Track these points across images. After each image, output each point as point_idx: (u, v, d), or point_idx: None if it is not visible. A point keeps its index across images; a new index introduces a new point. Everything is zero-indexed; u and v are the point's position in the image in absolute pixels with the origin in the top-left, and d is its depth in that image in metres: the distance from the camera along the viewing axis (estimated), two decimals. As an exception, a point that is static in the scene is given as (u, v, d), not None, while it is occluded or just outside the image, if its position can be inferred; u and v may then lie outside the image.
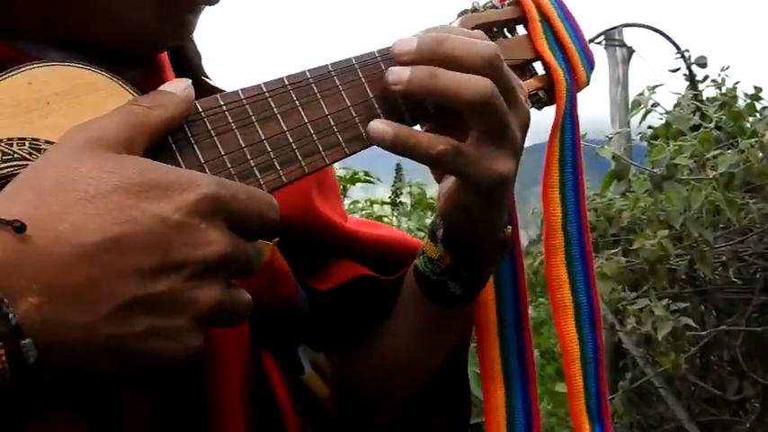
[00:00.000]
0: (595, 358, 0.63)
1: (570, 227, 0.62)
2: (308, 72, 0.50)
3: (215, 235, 0.38)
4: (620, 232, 2.17)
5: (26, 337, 0.32)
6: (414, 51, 0.50)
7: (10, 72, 0.41)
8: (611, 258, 1.79)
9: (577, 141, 0.64)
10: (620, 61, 2.62)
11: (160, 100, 0.42)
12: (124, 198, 0.36)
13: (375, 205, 3.74)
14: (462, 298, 0.61)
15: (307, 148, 0.48)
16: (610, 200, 2.18)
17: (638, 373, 2.57)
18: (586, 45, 0.64)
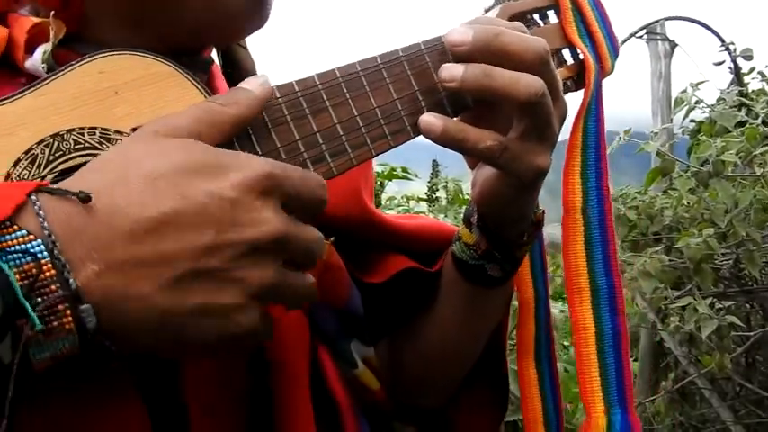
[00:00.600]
0: (617, 344, 0.62)
1: (591, 212, 0.63)
2: (357, 65, 0.51)
3: (268, 214, 0.38)
4: (662, 230, 2.13)
5: (85, 302, 0.34)
6: (470, 42, 0.51)
7: (82, 61, 0.43)
8: (653, 256, 1.76)
9: (601, 129, 0.64)
10: (662, 56, 2.57)
11: (236, 98, 0.44)
12: (181, 177, 0.37)
13: (411, 201, 3.75)
14: (500, 279, 0.63)
15: (355, 141, 0.50)
16: (652, 198, 2.14)
17: (680, 373, 2.53)
18: (613, 32, 0.65)
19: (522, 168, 0.53)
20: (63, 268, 0.34)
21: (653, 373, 2.80)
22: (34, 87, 0.42)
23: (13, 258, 0.33)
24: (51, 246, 0.34)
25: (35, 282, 0.33)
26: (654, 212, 2.14)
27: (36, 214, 0.35)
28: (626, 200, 2.22)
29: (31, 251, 0.33)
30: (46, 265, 0.34)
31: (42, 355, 0.34)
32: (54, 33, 0.47)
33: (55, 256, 0.34)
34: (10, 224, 0.34)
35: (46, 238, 0.34)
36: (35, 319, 0.33)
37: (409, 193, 3.84)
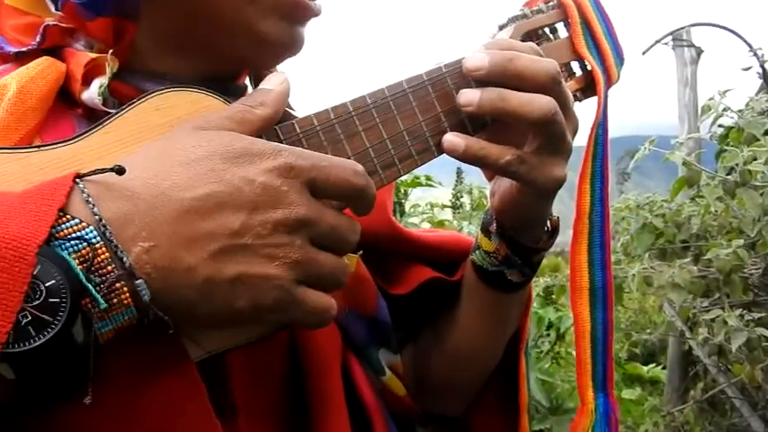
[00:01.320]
0: (604, 336, 0.67)
1: (594, 215, 0.66)
2: (386, 90, 0.54)
3: (294, 197, 0.42)
4: (690, 239, 2.11)
5: (139, 277, 0.37)
6: (486, 67, 0.55)
7: (141, 99, 0.47)
8: (683, 268, 1.75)
9: (606, 137, 0.68)
10: (688, 62, 2.55)
11: (262, 98, 0.48)
12: (218, 162, 0.41)
13: (435, 208, 3.75)
14: (519, 284, 0.66)
15: (385, 161, 0.54)
16: (679, 205, 2.12)
17: (709, 382, 2.50)
18: (618, 42, 0.67)
19: (540, 179, 0.56)
20: (116, 249, 0.37)
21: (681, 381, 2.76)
22: (101, 125, 0.45)
23: (70, 245, 0.36)
24: (103, 229, 0.37)
25: (92, 265, 0.36)
26: (681, 220, 2.12)
27: (86, 202, 0.37)
28: (652, 208, 2.21)
29: (85, 237, 0.36)
30: (100, 249, 0.36)
31: (106, 329, 0.37)
32: (110, 68, 0.51)
33: (107, 238, 0.37)
34: (63, 214, 0.36)
35: (97, 223, 0.37)
36: (99, 299, 0.36)
37: (433, 200, 3.85)
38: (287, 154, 0.42)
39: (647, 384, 3.63)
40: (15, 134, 0.47)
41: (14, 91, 0.47)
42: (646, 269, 1.88)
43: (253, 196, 0.40)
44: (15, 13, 0.52)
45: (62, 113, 0.51)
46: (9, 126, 0.46)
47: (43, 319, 0.34)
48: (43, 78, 0.49)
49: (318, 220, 0.43)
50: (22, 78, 0.48)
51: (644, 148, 1.93)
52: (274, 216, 0.41)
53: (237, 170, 0.41)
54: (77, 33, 0.53)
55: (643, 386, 3.59)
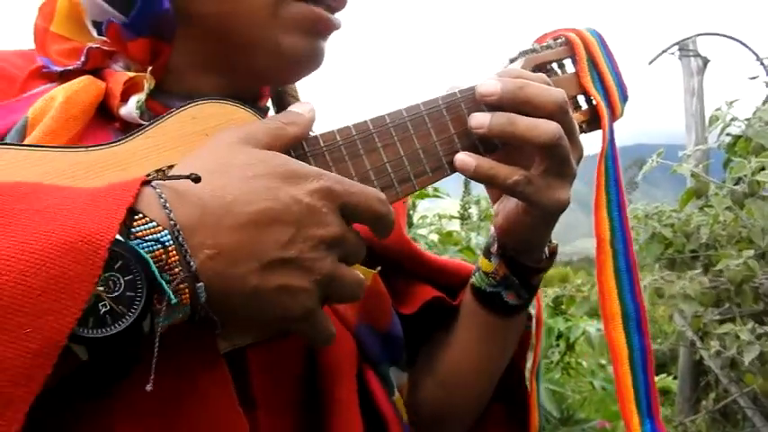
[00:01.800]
0: (644, 361, 0.68)
1: (616, 243, 0.68)
2: (404, 111, 0.58)
3: (332, 218, 0.46)
4: (700, 248, 2.11)
5: (200, 281, 0.40)
6: (498, 93, 0.58)
7: (180, 108, 0.51)
8: (693, 279, 1.74)
9: (617, 167, 0.70)
10: (694, 72, 2.55)
11: (294, 118, 0.52)
12: (273, 181, 0.44)
13: (443, 219, 3.76)
14: (515, 307, 0.68)
15: (401, 176, 0.57)
16: (687, 215, 2.12)
17: (721, 392, 2.48)
18: (622, 79, 0.71)
19: (545, 201, 0.59)
20: (185, 253, 0.40)
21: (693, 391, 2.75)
22: (142, 131, 0.49)
23: (147, 245, 0.39)
24: (176, 234, 0.40)
25: (165, 265, 0.39)
26: (690, 230, 2.12)
27: (162, 206, 0.41)
28: (661, 218, 2.21)
29: (160, 240, 0.40)
30: (172, 252, 0.40)
31: (163, 323, 0.40)
32: (148, 85, 0.54)
33: (179, 242, 0.40)
34: (142, 216, 0.40)
35: (172, 227, 0.40)
36: (172, 296, 0.39)
37: (441, 211, 3.86)
38: (326, 179, 0.46)
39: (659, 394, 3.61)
40: (59, 139, 0.50)
41: (61, 101, 0.51)
42: (656, 280, 1.88)
43: (299, 215, 0.44)
44: (60, 39, 0.56)
45: (101, 126, 0.54)
46: (54, 131, 0.50)
47: (119, 311, 0.37)
48: (86, 92, 0.53)
49: (347, 240, 0.47)
50: (67, 91, 0.52)
51: (652, 161, 1.93)
52: (317, 233, 0.45)
53: (289, 189, 0.44)
54: (117, 55, 0.57)
55: (654, 396, 3.56)
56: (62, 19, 0.56)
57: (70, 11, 0.56)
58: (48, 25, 0.56)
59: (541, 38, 0.71)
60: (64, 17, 0.56)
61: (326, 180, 0.46)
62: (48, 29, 0.56)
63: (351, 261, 0.48)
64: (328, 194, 0.46)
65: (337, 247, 0.46)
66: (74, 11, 0.56)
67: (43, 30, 0.56)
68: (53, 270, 0.35)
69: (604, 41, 0.71)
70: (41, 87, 0.55)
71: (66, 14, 0.56)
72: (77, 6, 0.56)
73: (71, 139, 0.51)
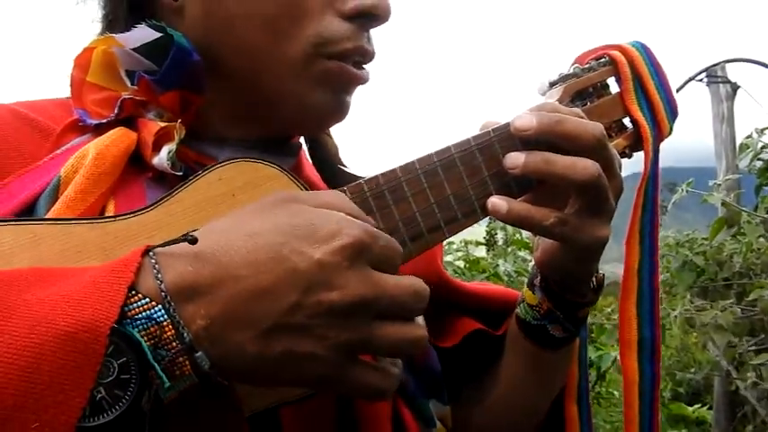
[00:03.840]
0: (652, 389, 0.67)
1: (643, 271, 0.66)
2: (435, 156, 0.56)
3: (353, 278, 0.41)
4: (733, 277, 2.08)
5: (198, 350, 0.39)
6: (534, 128, 0.56)
7: (205, 171, 0.50)
8: (726, 309, 1.71)
9: (656, 192, 0.67)
10: (723, 98, 2.53)
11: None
12: (277, 236, 0.41)
13: (470, 245, 3.74)
14: (562, 340, 0.66)
15: (431, 225, 0.55)
16: (720, 243, 2.09)
17: (759, 424, 2.42)
18: (671, 94, 0.67)
19: (582, 240, 0.57)
20: (179, 325, 0.39)
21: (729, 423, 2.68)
22: (168, 197, 0.48)
23: (139, 324, 0.38)
24: (168, 307, 0.39)
25: (159, 340, 0.38)
26: (723, 258, 2.09)
27: (154, 277, 0.39)
28: (693, 245, 2.18)
29: (153, 317, 0.38)
30: (167, 326, 0.38)
31: (168, 393, 0.39)
32: (178, 135, 0.55)
33: (171, 315, 0.39)
34: (135, 293, 0.38)
35: (164, 301, 0.39)
36: (164, 378, 0.38)
37: (467, 236, 3.84)
38: (347, 229, 0.42)
39: (693, 425, 3.51)
40: (91, 196, 0.51)
41: (92, 157, 0.52)
42: (688, 310, 1.85)
43: (309, 275, 0.40)
44: (96, 88, 0.58)
45: (133, 177, 0.55)
46: (86, 189, 0.51)
47: (115, 394, 0.36)
48: (116, 146, 0.54)
49: (379, 297, 0.42)
50: (98, 146, 0.53)
51: (681, 190, 1.92)
52: (329, 297, 0.40)
53: (296, 244, 0.41)
54: (149, 104, 0.58)
55: (689, 427, 3.48)
56: (97, 69, 0.57)
57: (105, 61, 0.57)
58: (84, 76, 0.58)
59: (582, 56, 0.68)
60: (99, 67, 0.57)
61: (349, 231, 0.42)
62: (84, 79, 0.58)
63: (398, 314, 0.44)
64: (350, 249, 0.41)
65: (363, 308, 0.41)
66: (108, 61, 0.57)
67: (79, 80, 0.58)
68: (56, 363, 0.35)
69: (651, 54, 0.67)
70: (76, 141, 0.56)
71: (101, 65, 0.57)
72: (112, 57, 0.57)
73: (103, 193, 0.52)
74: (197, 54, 0.56)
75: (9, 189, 0.52)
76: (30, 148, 0.56)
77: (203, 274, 0.40)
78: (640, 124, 0.65)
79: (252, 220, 0.43)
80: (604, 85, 0.66)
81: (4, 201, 0.51)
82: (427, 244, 0.56)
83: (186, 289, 0.39)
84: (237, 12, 0.55)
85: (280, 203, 0.45)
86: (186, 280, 0.40)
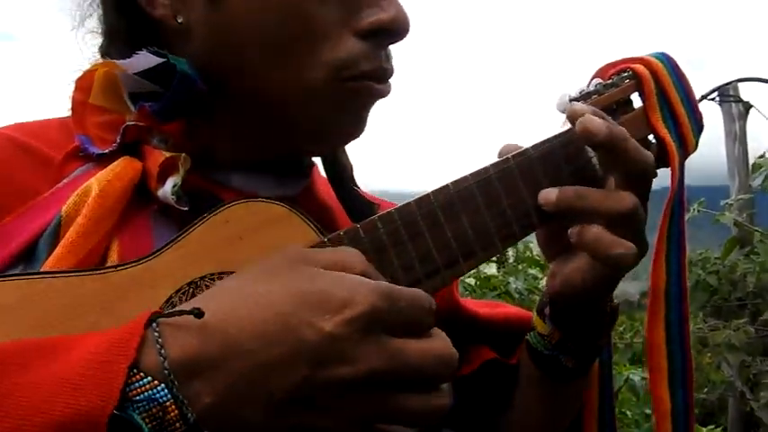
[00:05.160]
0: (686, 420, 0.64)
1: (671, 293, 0.64)
2: (451, 186, 0.54)
3: (368, 349, 0.39)
4: (746, 296, 2.07)
5: (204, 429, 0.37)
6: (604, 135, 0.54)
7: (211, 213, 0.48)
8: (739, 329, 1.71)
9: (682, 209, 0.65)
10: (736, 117, 2.53)
11: None
12: (287, 306, 0.39)
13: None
14: (574, 371, 0.63)
15: (448, 260, 0.53)
16: (733, 263, 2.09)
17: (774, 446, 2.38)
18: (696, 108, 0.65)
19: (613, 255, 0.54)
20: (182, 405, 0.37)
21: (743, 444, 2.64)
22: (175, 241, 0.47)
23: (140, 406, 0.36)
24: (172, 386, 0.37)
25: (162, 422, 0.37)
26: (736, 278, 2.08)
27: (157, 353, 0.37)
28: (705, 265, 2.17)
29: (154, 397, 0.36)
30: (170, 407, 0.37)
31: None
32: (183, 168, 0.53)
33: (175, 395, 0.37)
34: (137, 372, 0.37)
35: (167, 379, 0.37)
36: None
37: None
38: (360, 296, 0.40)
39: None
40: (94, 238, 0.49)
41: (94, 195, 0.50)
42: (701, 329, 1.84)
43: (319, 348, 0.38)
44: (98, 111, 0.55)
45: (138, 210, 0.53)
46: (88, 231, 0.49)
47: None
48: (120, 180, 0.52)
49: (395, 368, 0.40)
50: (101, 182, 0.51)
51: (693, 209, 1.91)
52: (341, 372, 0.38)
53: (306, 315, 0.39)
54: (153, 131, 0.55)
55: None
56: (99, 91, 0.55)
57: (107, 83, 0.55)
58: (86, 98, 0.55)
59: (604, 69, 0.65)
60: (101, 89, 0.55)
61: (363, 300, 0.39)
62: (86, 101, 0.55)
63: (422, 383, 0.41)
64: (364, 320, 0.39)
65: (378, 382, 0.39)
66: (111, 83, 0.55)
67: (81, 103, 0.55)
68: None
69: (675, 65, 0.64)
70: (78, 172, 0.54)
71: (104, 87, 0.55)
72: (115, 78, 0.55)
73: (106, 233, 0.50)
74: (202, 82, 0.53)
75: (8, 229, 0.50)
76: (29, 181, 0.54)
77: (210, 349, 0.38)
78: (666, 142, 0.63)
79: (260, 286, 0.41)
80: (627, 101, 0.64)
81: (4, 242, 0.49)
82: (443, 281, 0.53)
83: (191, 365, 0.38)
84: (248, 35, 0.53)
85: (289, 266, 0.43)
86: (191, 355, 0.38)
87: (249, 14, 0.52)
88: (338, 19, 0.53)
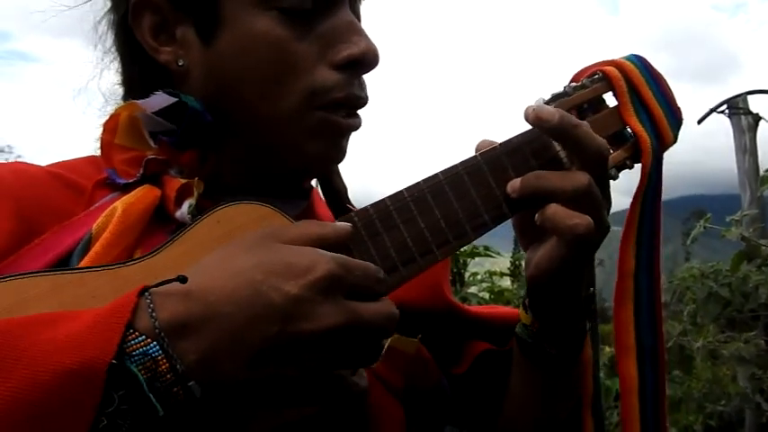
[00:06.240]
0: (655, 397, 0.67)
1: (641, 277, 0.67)
2: (423, 183, 0.59)
3: (329, 308, 0.46)
4: (759, 308, 2.07)
5: (191, 380, 0.43)
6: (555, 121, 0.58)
7: (204, 215, 0.55)
8: (749, 341, 1.71)
9: (657, 199, 0.67)
10: (746, 129, 2.54)
11: (327, 224, 0.54)
12: (257, 274, 0.46)
13: (494, 276, 3.73)
14: (559, 359, 0.66)
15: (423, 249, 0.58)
16: (744, 274, 2.09)
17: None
18: (674, 103, 0.67)
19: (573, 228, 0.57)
20: (172, 360, 0.43)
21: (762, 456, 2.62)
22: (173, 240, 0.53)
23: (137, 359, 0.42)
24: (163, 343, 0.43)
25: (156, 373, 0.43)
26: (748, 290, 2.08)
27: (149, 316, 0.44)
28: (717, 277, 2.18)
29: (148, 352, 0.43)
30: (161, 360, 0.43)
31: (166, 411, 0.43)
32: (197, 190, 0.60)
33: (165, 350, 0.43)
34: (133, 331, 0.43)
35: (158, 337, 0.43)
36: (159, 408, 0.42)
37: (491, 266, 3.82)
38: (320, 264, 0.47)
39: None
40: (116, 249, 0.56)
41: (118, 214, 0.58)
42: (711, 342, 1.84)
43: (286, 308, 0.45)
44: (123, 149, 0.63)
45: (157, 230, 0.59)
46: (111, 243, 0.56)
47: (117, 423, 0.41)
48: (141, 203, 0.59)
49: (352, 323, 0.47)
50: (125, 203, 0.59)
51: (699, 226, 1.93)
52: (306, 328, 0.45)
53: (274, 282, 0.45)
54: (171, 162, 0.63)
55: (721, 461, 3.39)
56: (123, 132, 0.63)
57: (130, 125, 0.63)
58: (112, 139, 0.63)
59: (578, 74, 0.68)
60: (125, 130, 0.63)
61: (321, 267, 0.46)
62: (112, 141, 0.63)
63: (380, 334, 0.49)
64: (323, 283, 0.46)
65: (342, 335, 0.46)
66: (133, 124, 0.63)
67: (108, 143, 0.63)
68: (61, 397, 0.40)
69: (647, 65, 0.67)
70: (106, 198, 0.62)
71: (127, 128, 0.63)
72: (136, 120, 0.62)
73: (128, 245, 0.57)
74: (209, 115, 0.61)
75: (46, 244, 0.57)
76: (65, 206, 0.61)
77: (193, 312, 0.44)
78: (639, 135, 0.65)
79: (235, 258, 0.48)
80: (599, 100, 0.67)
81: (40, 254, 0.56)
82: (420, 267, 0.58)
83: (179, 325, 0.44)
84: (237, 73, 0.60)
85: (260, 241, 0.50)
86: (178, 318, 0.44)
87: (236, 55, 0.59)
88: (315, 53, 0.60)
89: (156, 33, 0.62)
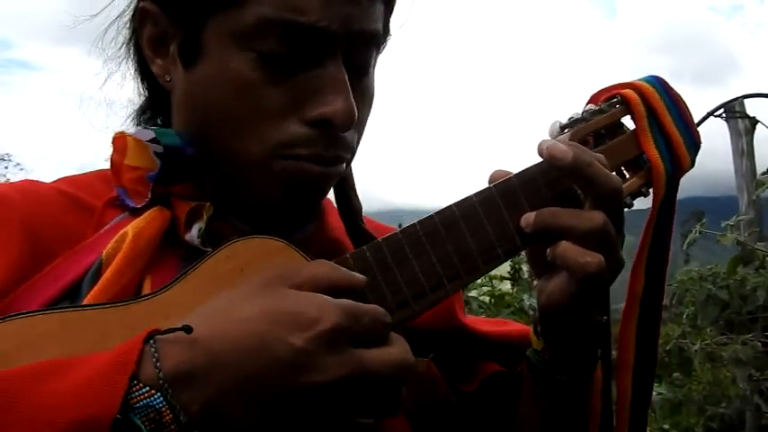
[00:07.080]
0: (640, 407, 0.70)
1: (647, 301, 0.68)
2: (436, 216, 0.58)
3: (335, 360, 0.46)
4: (757, 310, 2.08)
5: (194, 430, 0.44)
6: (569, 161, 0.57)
7: (213, 252, 0.53)
8: (747, 342, 1.72)
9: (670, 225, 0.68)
10: (742, 132, 2.56)
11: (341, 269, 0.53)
12: (263, 324, 0.46)
13: (494, 280, 3.74)
14: (569, 386, 0.66)
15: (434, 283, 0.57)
16: (742, 277, 2.11)
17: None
18: (692, 126, 0.67)
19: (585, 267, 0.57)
20: (175, 410, 0.43)
21: (762, 458, 2.62)
22: (183, 276, 0.53)
23: (140, 411, 0.42)
24: (166, 394, 0.43)
25: (160, 424, 0.43)
26: (746, 292, 2.09)
27: (154, 366, 0.43)
28: (716, 279, 2.19)
29: (152, 404, 0.43)
30: (165, 412, 0.43)
31: None
32: (207, 214, 0.59)
33: (169, 401, 0.43)
34: (137, 382, 0.43)
35: (162, 388, 0.43)
36: None
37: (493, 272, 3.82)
38: (327, 315, 0.46)
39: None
40: (125, 277, 0.56)
41: (129, 240, 0.57)
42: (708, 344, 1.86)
43: (291, 361, 0.45)
44: (133, 169, 0.63)
45: (168, 253, 0.59)
46: (121, 271, 0.56)
47: None
48: (152, 227, 0.59)
49: (359, 373, 0.46)
50: (135, 228, 0.58)
51: (695, 231, 1.94)
52: (312, 380, 0.45)
53: (279, 332, 0.45)
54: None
55: (723, 463, 3.39)
56: (132, 153, 0.63)
57: (137, 146, 0.63)
58: (122, 159, 0.63)
59: (596, 96, 0.68)
60: (133, 152, 0.63)
61: (329, 319, 0.46)
62: (122, 162, 0.63)
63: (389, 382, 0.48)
64: (329, 335, 0.46)
65: (348, 386, 0.46)
66: (140, 146, 0.62)
67: (118, 163, 0.63)
68: None
69: (667, 87, 0.66)
70: (116, 219, 0.61)
71: (135, 149, 0.63)
72: (142, 142, 0.62)
73: (138, 272, 0.57)
74: (190, 148, 0.60)
75: (57, 270, 0.57)
76: (76, 226, 0.61)
77: (198, 362, 0.44)
78: (653, 161, 0.65)
79: (242, 304, 0.48)
80: (617, 125, 0.66)
81: (51, 283, 0.56)
82: (431, 302, 0.57)
83: (182, 376, 0.44)
84: (207, 104, 0.59)
85: (268, 285, 0.49)
86: (182, 368, 0.44)
87: (209, 87, 0.59)
88: (287, 104, 0.57)
89: (154, 45, 0.63)
